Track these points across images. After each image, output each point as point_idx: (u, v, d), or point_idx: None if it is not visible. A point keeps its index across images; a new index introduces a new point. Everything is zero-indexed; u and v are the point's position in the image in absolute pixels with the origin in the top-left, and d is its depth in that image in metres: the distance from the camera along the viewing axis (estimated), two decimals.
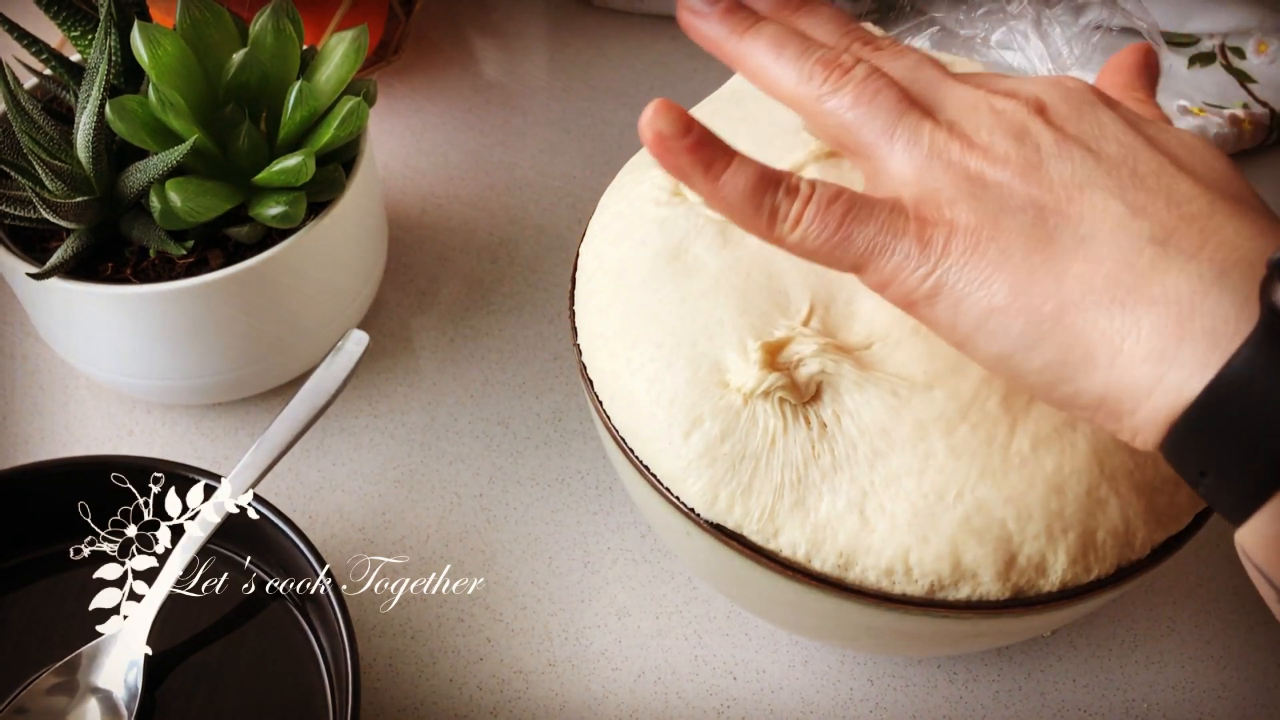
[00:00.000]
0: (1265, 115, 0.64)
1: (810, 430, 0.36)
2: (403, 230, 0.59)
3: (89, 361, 0.48)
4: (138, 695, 0.40)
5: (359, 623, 0.45)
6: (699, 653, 0.45)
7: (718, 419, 0.37)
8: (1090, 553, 0.35)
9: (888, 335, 0.38)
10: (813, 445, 0.36)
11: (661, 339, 0.38)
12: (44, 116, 0.44)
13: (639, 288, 0.40)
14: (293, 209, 0.44)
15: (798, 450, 0.36)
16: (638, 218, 0.41)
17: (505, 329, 0.55)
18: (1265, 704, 0.44)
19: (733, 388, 0.37)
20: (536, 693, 0.44)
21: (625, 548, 0.48)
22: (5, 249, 0.45)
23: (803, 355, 0.37)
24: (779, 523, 0.36)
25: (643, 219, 0.41)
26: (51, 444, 0.51)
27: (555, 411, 0.52)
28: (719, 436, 0.37)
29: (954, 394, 0.36)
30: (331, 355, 0.45)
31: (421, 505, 0.49)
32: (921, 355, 0.37)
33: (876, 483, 0.36)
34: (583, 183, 0.62)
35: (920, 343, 0.37)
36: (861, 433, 0.36)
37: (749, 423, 0.36)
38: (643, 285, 0.40)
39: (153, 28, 0.43)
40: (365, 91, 0.47)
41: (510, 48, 0.70)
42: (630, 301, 0.40)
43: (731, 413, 0.37)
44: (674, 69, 0.69)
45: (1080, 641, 0.46)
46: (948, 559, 0.35)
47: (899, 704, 0.44)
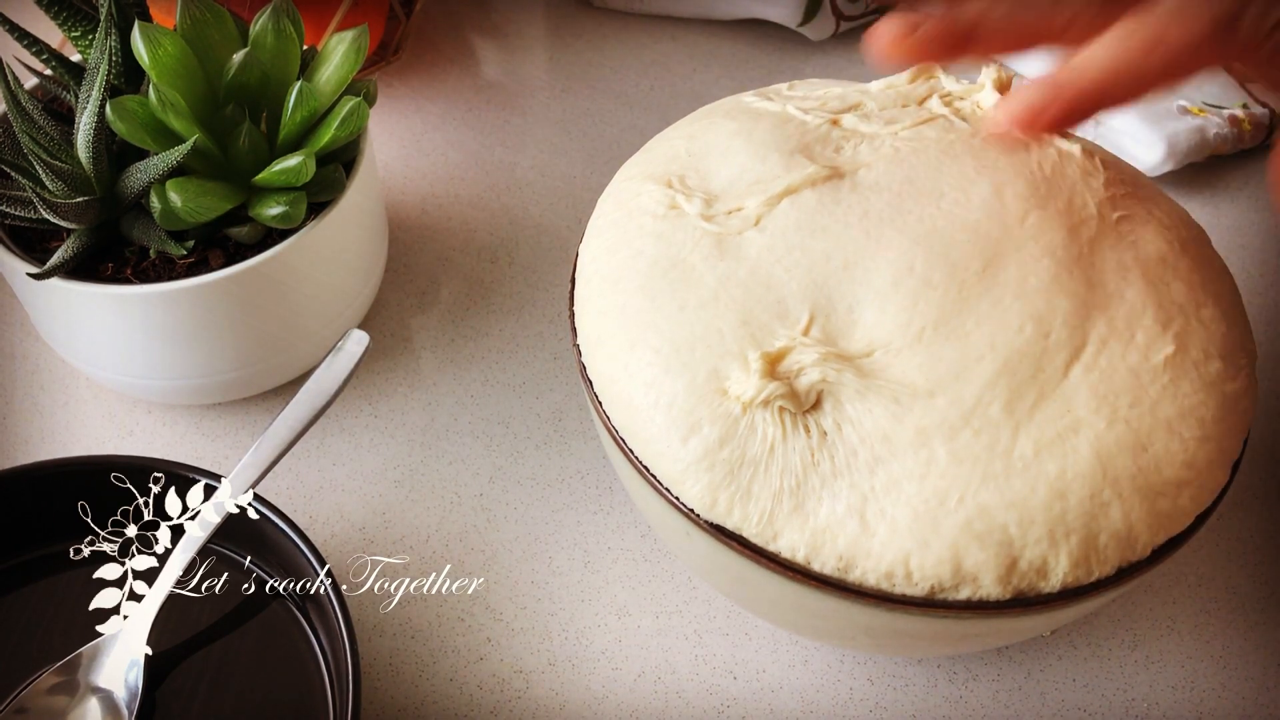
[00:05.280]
0: (1265, 115, 0.64)
1: (810, 438, 0.36)
2: (403, 230, 0.59)
3: (89, 361, 0.48)
4: (138, 695, 0.40)
5: (359, 623, 0.45)
6: (699, 652, 0.45)
7: (716, 425, 0.37)
8: (1092, 556, 0.35)
9: (889, 343, 0.38)
10: (812, 453, 0.36)
11: (659, 345, 0.38)
12: (44, 117, 0.44)
13: (636, 294, 0.40)
14: (293, 209, 0.44)
15: (797, 457, 0.36)
16: (635, 229, 0.41)
17: (505, 329, 0.56)
18: (1265, 704, 0.44)
19: (731, 396, 0.37)
20: (536, 692, 0.44)
21: (625, 548, 0.48)
22: (5, 249, 0.45)
23: (803, 364, 0.37)
24: (778, 527, 0.36)
25: (640, 231, 0.41)
26: (51, 444, 0.51)
27: (555, 411, 0.52)
28: (717, 442, 0.37)
29: (956, 400, 0.36)
30: (331, 355, 0.45)
31: (421, 505, 0.49)
32: (924, 363, 0.37)
33: (877, 488, 0.36)
34: (583, 183, 0.62)
35: (923, 350, 0.37)
36: (862, 440, 0.36)
37: (748, 430, 0.36)
38: (640, 292, 0.40)
39: (153, 28, 0.43)
40: (365, 91, 0.47)
41: (510, 48, 0.70)
42: (628, 307, 0.40)
43: (730, 420, 0.37)
44: (674, 69, 0.69)
45: (1080, 641, 0.46)
46: (948, 563, 0.35)
47: (899, 704, 0.44)
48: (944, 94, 0.45)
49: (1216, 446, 0.37)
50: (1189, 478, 0.37)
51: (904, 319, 0.38)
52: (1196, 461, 0.37)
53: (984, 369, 0.37)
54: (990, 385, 0.36)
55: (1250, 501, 0.50)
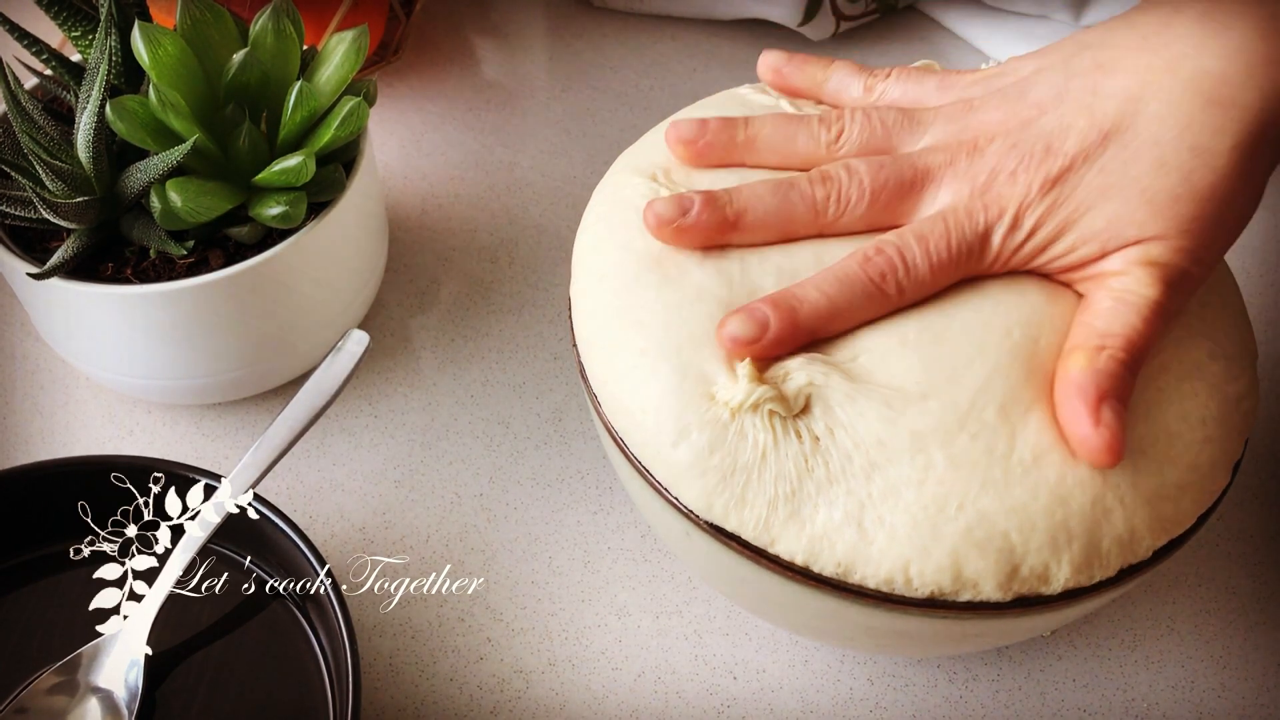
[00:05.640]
0: None
1: (802, 444, 0.36)
2: (403, 230, 0.59)
3: (89, 361, 0.48)
4: (138, 695, 0.40)
5: (359, 623, 0.45)
6: (699, 653, 0.45)
7: (705, 431, 0.36)
8: (1094, 561, 0.35)
9: (873, 348, 0.37)
10: (805, 459, 0.36)
11: (645, 345, 0.38)
12: (44, 116, 0.44)
13: (622, 293, 0.39)
14: (293, 209, 0.44)
15: (790, 464, 0.36)
16: (620, 223, 0.41)
17: (505, 329, 0.55)
18: (1265, 704, 0.44)
19: (720, 402, 0.36)
20: (537, 692, 0.44)
21: (625, 548, 0.48)
22: (5, 249, 0.45)
23: (789, 369, 0.37)
24: (774, 534, 0.36)
25: (625, 225, 0.41)
26: (51, 444, 0.51)
27: (555, 411, 0.52)
28: (707, 448, 0.36)
29: (950, 404, 0.36)
30: (331, 355, 0.45)
31: (421, 505, 0.49)
32: (912, 366, 0.37)
33: (874, 495, 0.35)
34: (583, 183, 0.62)
35: (910, 354, 0.37)
36: (856, 445, 0.36)
37: (737, 436, 0.36)
38: (626, 290, 0.39)
39: (153, 28, 0.43)
40: (365, 91, 0.47)
41: (510, 48, 0.70)
42: (612, 306, 0.39)
43: (719, 425, 0.36)
44: (674, 69, 0.69)
45: (1080, 641, 0.46)
46: (949, 570, 0.35)
47: (899, 704, 0.44)
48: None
49: (1219, 448, 0.37)
50: (1191, 480, 0.37)
51: (885, 322, 0.38)
52: (1199, 463, 0.37)
53: (975, 372, 0.36)
54: (983, 389, 0.36)
55: (1250, 501, 0.50)
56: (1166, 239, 0.36)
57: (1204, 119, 0.36)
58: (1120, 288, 0.36)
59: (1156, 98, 0.36)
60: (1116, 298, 0.36)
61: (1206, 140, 0.36)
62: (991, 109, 0.39)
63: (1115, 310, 0.36)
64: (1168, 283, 0.36)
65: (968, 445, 0.35)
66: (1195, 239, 0.36)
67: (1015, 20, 0.68)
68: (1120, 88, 0.37)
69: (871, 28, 0.71)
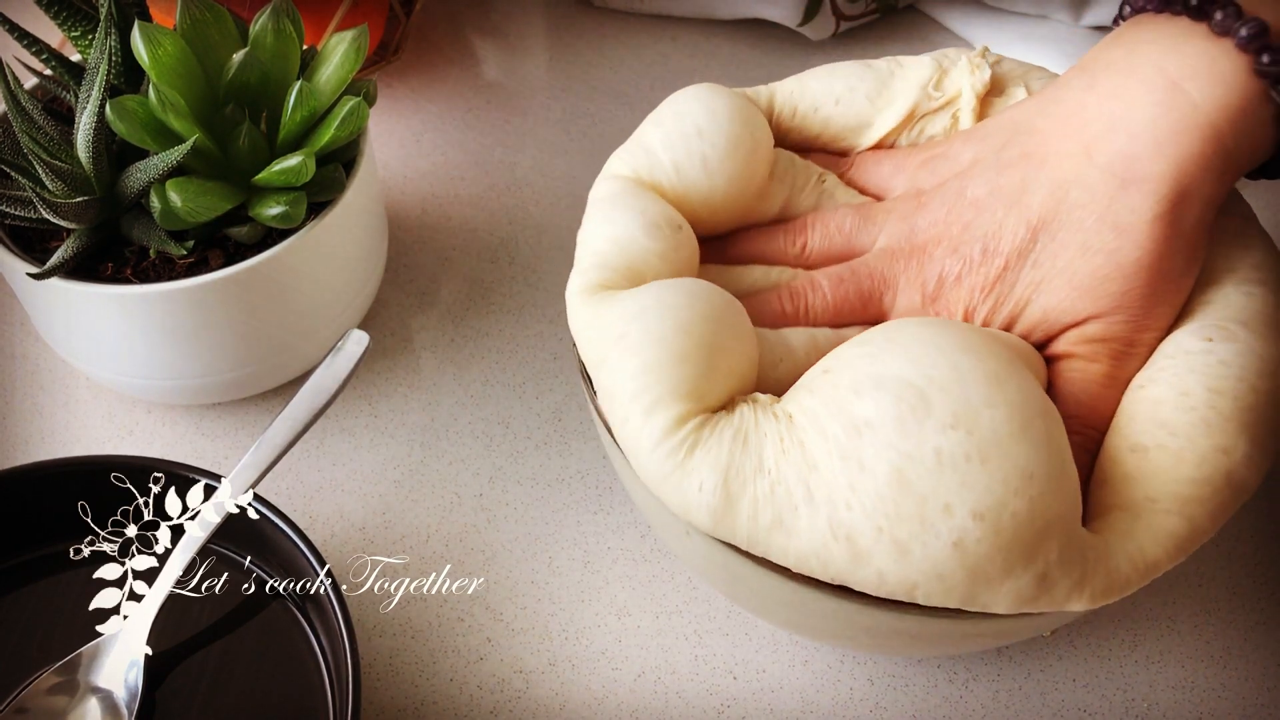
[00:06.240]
0: None
1: (778, 423, 0.36)
2: (403, 230, 0.59)
3: (89, 361, 0.48)
4: (138, 695, 0.40)
5: (359, 623, 0.45)
6: (699, 652, 0.45)
7: (689, 434, 0.36)
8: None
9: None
10: (781, 439, 0.35)
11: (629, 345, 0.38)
12: (44, 116, 0.44)
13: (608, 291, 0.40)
14: (293, 209, 0.44)
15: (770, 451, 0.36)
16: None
17: (505, 329, 0.55)
18: (1265, 704, 0.44)
19: (702, 404, 0.36)
20: (537, 692, 0.44)
21: (625, 548, 0.48)
22: (5, 249, 0.45)
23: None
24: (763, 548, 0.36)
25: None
26: (51, 444, 0.51)
27: (555, 411, 0.52)
28: (688, 450, 0.36)
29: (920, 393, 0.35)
30: (331, 355, 0.45)
31: (421, 505, 0.49)
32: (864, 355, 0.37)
33: (853, 503, 0.34)
34: (583, 183, 0.62)
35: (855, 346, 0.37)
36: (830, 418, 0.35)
37: (715, 445, 0.36)
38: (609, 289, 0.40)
39: (153, 28, 0.43)
40: (365, 91, 0.47)
41: (510, 48, 0.70)
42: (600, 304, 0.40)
43: (700, 424, 0.36)
44: (674, 69, 0.69)
45: (1080, 641, 0.46)
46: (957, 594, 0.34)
47: (899, 704, 0.44)
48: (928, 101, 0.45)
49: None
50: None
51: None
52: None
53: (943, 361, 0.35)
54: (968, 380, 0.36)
55: (1250, 501, 0.50)
56: (1101, 316, 0.39)
57: (1122, 199, 0.38)
58: (1071, 368, 0.40)
59: (1078, 185, 0.39)
60: (1067, 378, 0.39)
61: (1126, 218, 0.38)
62: (935, 207, 0.42)
63: (1067, 390, 0.39)
64: (1113, 355, 0.39)
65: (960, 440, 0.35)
66: (1132, 310, 0.39)
67: (1015, 20, 0.68)
68: (1045, 180, 0.40)
69: (871, 28, 0.71)
